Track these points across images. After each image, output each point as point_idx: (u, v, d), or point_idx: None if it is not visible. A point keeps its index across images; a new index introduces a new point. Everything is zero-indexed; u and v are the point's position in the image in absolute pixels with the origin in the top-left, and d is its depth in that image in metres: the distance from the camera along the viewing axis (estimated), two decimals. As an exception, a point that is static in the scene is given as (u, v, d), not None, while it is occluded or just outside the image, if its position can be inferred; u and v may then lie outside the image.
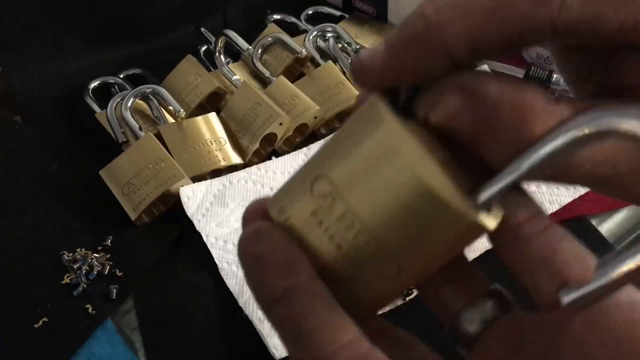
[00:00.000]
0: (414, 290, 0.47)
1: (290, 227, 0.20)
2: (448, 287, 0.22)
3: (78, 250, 0.52)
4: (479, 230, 0.18)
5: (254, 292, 0.20)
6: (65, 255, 0.52)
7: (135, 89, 0.62)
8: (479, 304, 0.21)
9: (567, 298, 0.18)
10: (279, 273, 0.19)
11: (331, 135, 0.20)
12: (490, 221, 0.18)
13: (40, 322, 0.48)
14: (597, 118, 0.16)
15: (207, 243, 0.52)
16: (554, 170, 0.18)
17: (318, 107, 0.60)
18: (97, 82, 0.67)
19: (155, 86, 0.63)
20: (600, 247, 0.51)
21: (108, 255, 0.52)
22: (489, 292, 0.22)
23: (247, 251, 0.20)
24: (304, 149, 0.59)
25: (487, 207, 0.18)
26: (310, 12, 0.76)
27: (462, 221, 0.18)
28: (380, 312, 0.22)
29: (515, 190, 0.19)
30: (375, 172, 0.18)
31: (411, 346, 0.22)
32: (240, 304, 0.48)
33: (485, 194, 0.18)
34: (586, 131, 0.16)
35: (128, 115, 0.60)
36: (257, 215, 0.21)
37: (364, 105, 0.20)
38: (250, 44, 0.68)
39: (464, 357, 0.22)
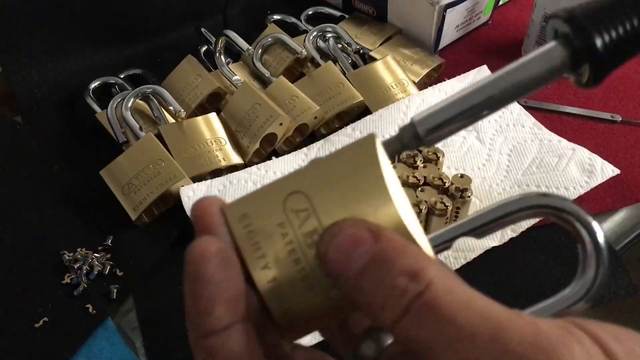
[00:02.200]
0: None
1: (249, 233, 0.21)
2: (354, 316, 0.25)
3: (78, 250, 0.52)
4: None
5: (192, 319, 0.20)
6: (65, 255, 0.52)
7: (135, 89, 0.62)
8: (376, 331, 0.23)
9: None
10: (226, 309, 0.19)
11: (313, 159, 0.21)
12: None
13: (41, 322, 0.48)
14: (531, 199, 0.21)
15: (207, 243, 0.52)
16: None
17: (318, 107, 0.60)
18: (97, 82, 0.67)
19: (155, 86, 0.63)
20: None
21: (108, 255, 0.52)
22: None
23: (200, 277, 0.19)
24: (304, 149, 0.59)
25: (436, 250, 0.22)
26: (310, 12, 0.76)
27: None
28: (305, 336, 0.23)
29: None
30: (357, 204, 0.21)
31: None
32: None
33: (438, 240, 0.22)
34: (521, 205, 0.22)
35: (128, 115, 0.60)
36: (211, 218, 0.21)
37: (360, 142, 0.21)
38: (250, 44, 0.68)
39: None
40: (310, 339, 0.42)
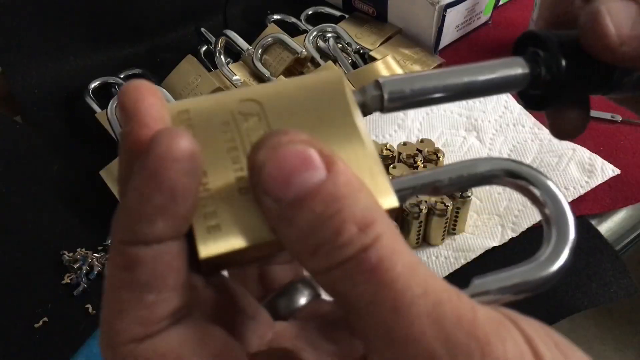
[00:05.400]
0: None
1: (186, 128, 0.18)
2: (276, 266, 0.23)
3: (78, 250, 0.52)
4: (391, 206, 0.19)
5: (125, 217, 0.17)
6: (65, 255, 0.52)
7: (135, 89, 0.62)
8: (293, 288, 0.22)
9: None
10: (170, 223, 0.16)
11: (278, 79, 0.21)
12: (395, 201, 0.19)
13: (41, 322, 0.48)
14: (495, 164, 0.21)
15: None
16: None
17: (318, 107, 0.60)
18: (97, 82, 0.67)
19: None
20: (600, 246, 0.51)
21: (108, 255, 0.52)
22: (303, 279, 0.23)
23: (158, 178, 0.16)
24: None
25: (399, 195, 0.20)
26: (310, 12, 0.76)
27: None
28: (225, 270, 0.20)
29: None
30: (316, 123, 0.19)
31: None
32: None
33: (400, 186, 0.20)
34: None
35: (128, 115, 0.60)
36: (151, 108, 0.17)
37: (327, 74, 0.20)
38: (250, 44, 0.68)
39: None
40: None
